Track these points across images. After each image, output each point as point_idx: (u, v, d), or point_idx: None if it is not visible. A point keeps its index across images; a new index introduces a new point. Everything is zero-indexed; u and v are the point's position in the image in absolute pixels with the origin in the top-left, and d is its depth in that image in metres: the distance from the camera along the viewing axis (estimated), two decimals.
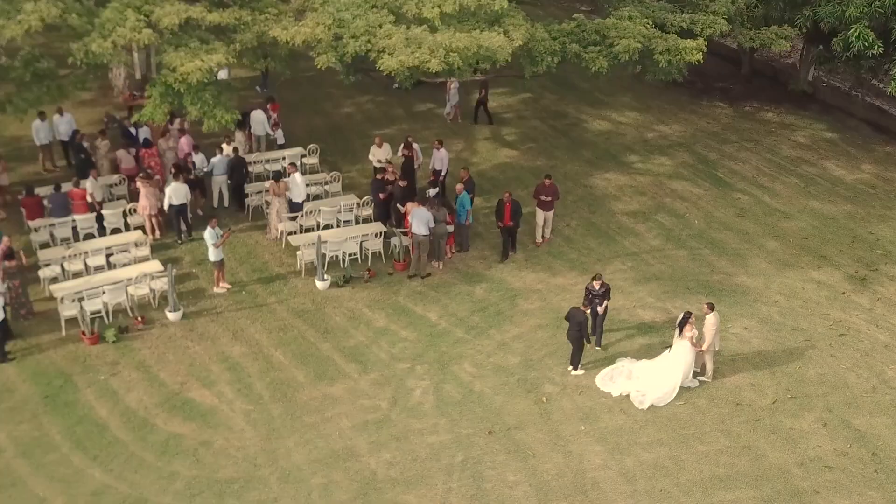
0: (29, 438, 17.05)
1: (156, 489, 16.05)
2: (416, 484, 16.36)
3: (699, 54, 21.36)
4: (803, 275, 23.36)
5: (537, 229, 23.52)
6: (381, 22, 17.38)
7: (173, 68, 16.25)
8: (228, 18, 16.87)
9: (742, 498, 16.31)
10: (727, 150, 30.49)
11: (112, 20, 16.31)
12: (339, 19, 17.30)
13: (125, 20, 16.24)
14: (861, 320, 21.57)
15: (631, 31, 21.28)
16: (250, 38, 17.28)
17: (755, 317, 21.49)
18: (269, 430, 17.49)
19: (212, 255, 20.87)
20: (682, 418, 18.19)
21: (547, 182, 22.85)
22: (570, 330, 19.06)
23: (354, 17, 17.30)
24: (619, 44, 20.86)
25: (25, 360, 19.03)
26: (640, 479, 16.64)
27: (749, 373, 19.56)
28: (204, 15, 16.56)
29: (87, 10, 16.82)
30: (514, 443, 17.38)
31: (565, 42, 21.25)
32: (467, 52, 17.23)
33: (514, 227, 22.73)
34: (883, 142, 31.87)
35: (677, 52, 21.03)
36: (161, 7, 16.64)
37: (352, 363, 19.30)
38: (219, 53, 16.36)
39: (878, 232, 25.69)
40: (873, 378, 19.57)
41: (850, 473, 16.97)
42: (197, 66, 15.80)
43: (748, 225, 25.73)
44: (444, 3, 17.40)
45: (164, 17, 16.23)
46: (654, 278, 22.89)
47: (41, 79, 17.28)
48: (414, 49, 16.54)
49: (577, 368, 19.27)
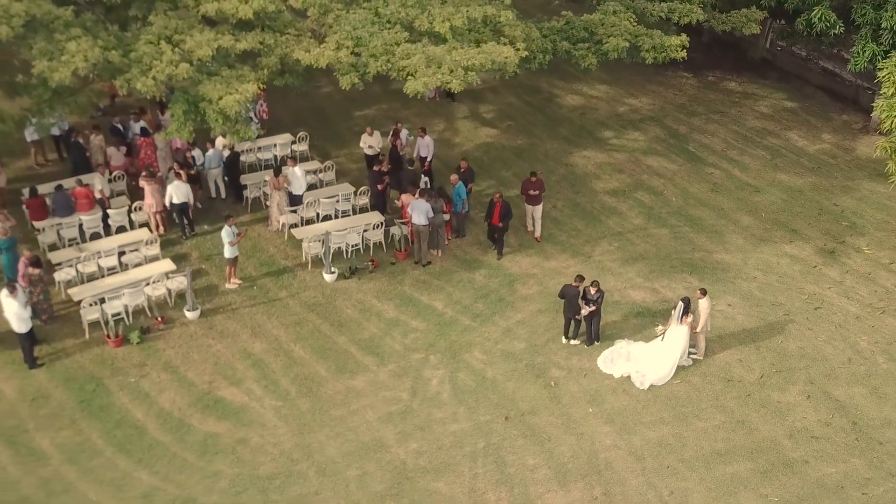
0: (72, 444, 17.87)
1: (202, 489, 17.08)
2: (444, 471, 17.64)
3: (683, 51, 22.51)
4: (777, 249, 24.96)
5: (528, 220, 24.50)
6: (397, 40, 18.11)
7: (209, 99, 16.82)
8: (254, 43, 17.43)
9: (740, 470, 17.93)
10: (695, 122, 31.87)
11: (149, 54, 16.80)
12: (357, 37, 17.98)
13: (161, 53, 16.74)
14: (833, 293, 23.27)
15: (618, 28, 22.29)
16: (274, 62, 17.90)
17: (737, 293, 23.04)
18: (301, 424, 18.56)
19: (227, 252, 21.61)
20: (680, 397, 19.71)
21: (533, 178, 23.78)
22: (564, 306, 20.50)
23: (371, 35, 18.00)
24: (609, 42, 21.88)
25: (54, 366, 19.72)
26: (647, 457, 18.15)
27: (736, 349, 21.13)
28: (233, 43, 17.11)
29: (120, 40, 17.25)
30: (529, 427, 18.73)
31: (556, 40, 22.20)
32: (482, 68, 18.16)
33: (503, 229, 23.44)
34: (839, 110, 33.52)
35: (663, 50, 22.15)
36: (190, 35, 17.14)
37: (369, 355, 20.39)
38: (250, 81, 16.98)
39: (842, 203, 27.39)
40: (848, 349, 21.30)
41: (834, 442, 18.70)
42: (235, 99, 16.44)
43: (722, 200, 27.22)
44: (453, 17, 18.17)
45: (198, 49, 16.75)
46: (640, 258, 24.27)
47: (60, 95, 17.71)
48: (435, 70, 17.36)
49: (572, 339, 20.80)
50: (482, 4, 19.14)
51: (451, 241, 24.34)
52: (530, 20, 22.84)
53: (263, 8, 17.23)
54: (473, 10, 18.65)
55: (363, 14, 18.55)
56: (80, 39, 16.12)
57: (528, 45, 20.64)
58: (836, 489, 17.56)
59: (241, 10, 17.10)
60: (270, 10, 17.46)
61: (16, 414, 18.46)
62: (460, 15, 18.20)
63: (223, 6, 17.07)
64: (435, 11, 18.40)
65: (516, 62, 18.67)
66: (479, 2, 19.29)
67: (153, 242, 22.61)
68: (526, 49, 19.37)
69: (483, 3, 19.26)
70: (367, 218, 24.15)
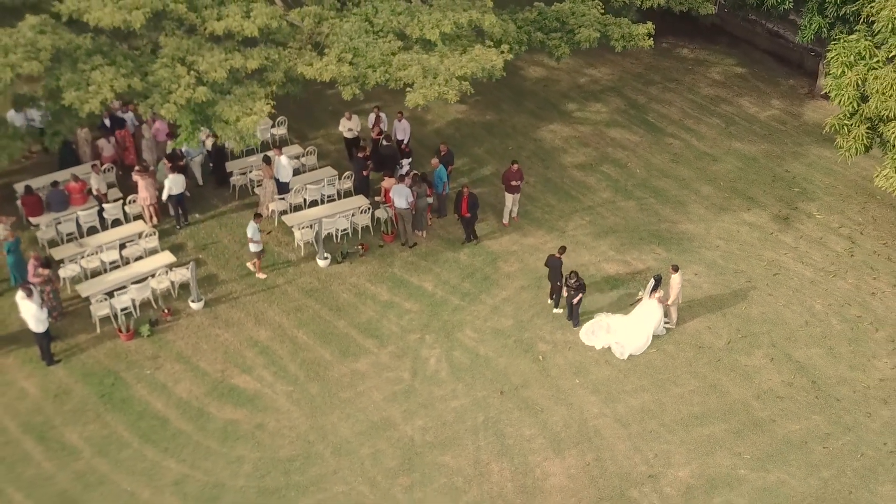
0: (99, 437, 19.05)
1: (228, 474, 18.45)
2: (449, 446, 19.25)
3: (650, 40, 23.93)
4: (736, 217, 26.81)
5: (505, 211, 25.74)
6: (392, 49, 19.18)
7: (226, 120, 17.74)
8: (260, 59, 18.32)
9: (716, 431, 19.87)
10: (653, 92, 33.42)
11: (167, 78, 17.63)
12: (354, 48, 19.00)
13: (179, 78, 17.59)
14: (789, 259, 25.23)
15: (588, 17, 23.57)
16: (280, 77, 18.85)
17: (702, 262, 24.87)
18: (312, 408, 19.98)
19: (252, 247, 22.61)
20: (657, 365, 21.54)
21: (514, 168, 25.01)
22: (549, 274, 22.24)
23: (367, 45, 19.04)
24: (580, 33, 23.18)
25: (71, 362, 20.76)
26: (632, 423, 19.98)
27: (705, 317, 22.99)
28: (243, 63, 18.01)
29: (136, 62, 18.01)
30: (523, 400, 20.40)
31: (530, 31, 23.43)
32: (474, 75, 19.38)
33: (472, 219, 24.58)
34: (786, 74, 35.36)
35: (631, 39, 23.53)
36: (202, 56, 17.99)
37: (369, 338, 21.79)
38: (260, 98, 17.96)
39: (793, 170, 29.31)
40: (805, 313, 23.31)
41: (796, 401, 20.73)
42: (253, 120, 17.42)
43: (683, 171, 28.94)
44: (441, 24, 19.27)
45: (212, 72, 17.63)
46: (610, 231, 25.92)
47: (67, 108, 18.46)
48: (431, 81, 18.52)
49: (557, 306, 22.36)
50: (466, 9, 20.27)
51: (434, 221, 25.67)
52: (504, 11, 23.96)
53: (267, 24, 18.15)
54: (459, 14, 19.78)
55: (356, 23, 19.55)
56: (104, 68, 16.92)
57: (505, 37, 21.82)
58: (801, 444, 19.60)
59: (247, 27, 18.01)
60: (274, 27, 18.38)
61: (42, 411, 19.53)
62: (448, 21, 19.32)
63: (230, 24, 17.94)
64: (424, 18, 19.49)
65: (502, 66, 19.90)
66: (462, 6, 20.42)
67: (152, 235, 23.54)
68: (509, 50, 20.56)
69: (467, 8, 20.39)
70: (354, 202, 25.33)
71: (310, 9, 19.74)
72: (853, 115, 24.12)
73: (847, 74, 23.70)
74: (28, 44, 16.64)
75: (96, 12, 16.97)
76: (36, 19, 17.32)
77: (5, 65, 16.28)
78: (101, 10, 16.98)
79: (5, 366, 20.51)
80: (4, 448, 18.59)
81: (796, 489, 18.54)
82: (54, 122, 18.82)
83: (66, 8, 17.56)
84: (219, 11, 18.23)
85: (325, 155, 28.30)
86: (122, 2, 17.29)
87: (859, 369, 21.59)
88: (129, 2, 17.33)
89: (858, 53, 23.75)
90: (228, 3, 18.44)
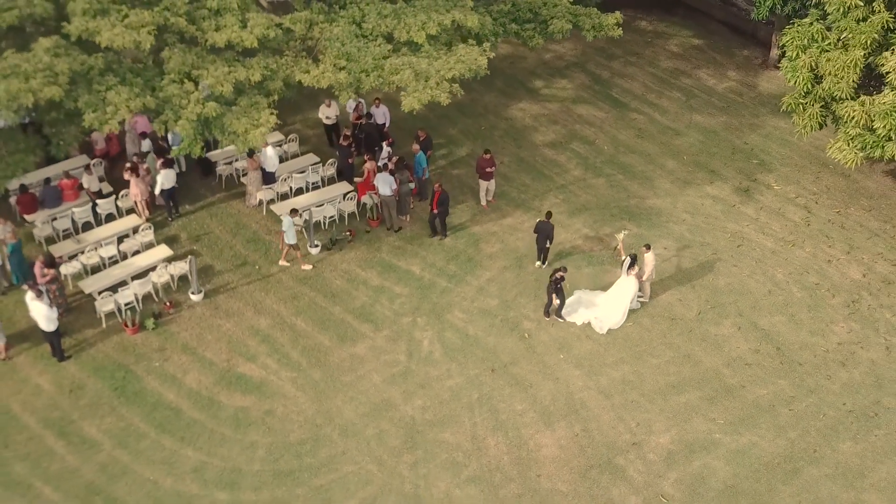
0: (117, 430, 20.13)
1: (244, 459, 19.69)
2: (448, 423, 20.69)
3: (619, 29, 25.18)
4: (700, 191, 28.39)
5: (481, 194, 26.94)
6: (383, 53, 20.17)
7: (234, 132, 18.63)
8: (261, 70, 19.18)
9: (691, 399, 21.56)
10: (615, 66, 34.73)
11: (177, 95, 18.43)
12: (346, 53, 19.95)
13: (188, 94, 18.40)
14: (751, 230, 26.90)
15: (560, 9, 24.72)
16: (280, 86, 19.74)
17: (670, 236, 26.44)
18: (317, 392, 21.24)
19: (290, 238, 23.63)
20: (634, 338, 23.13)
21: (487, 156, 26.10)
22: (538, 238, 23.98)
23: (359, 50, 20.00)
24: (553, 24, 24.34)
25: (81, 357, 21.73)
26: (614, 394, 21.58)
27: (675, 289, 24.61)
28: (247, 75, 18.86)
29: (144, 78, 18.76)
30: (512, 377, 21.88)
31: (504, 23, 24.54)
32: (462, 76, 20.50)
33: (442, 214, 25.49)
34: (740, 44, 36.87)
35: (601, 28, 24.75)
36: (206, 69, 18.79)
37: (364, 323, 23.04)
38: (264, 108, 18.88)
39: (751, 142, 30.93)
40: (768, 282, 25.04)
41: (763, 367, 22.49)
42: (262, 132, 18.36)
43: (648, 146, 30.39)
44: (427, 26, 20.30)
45: (218, 86, 18.47)
46: (583, 209, 27.34)
47: (71, 117, 19.19)
48: (423, 84, 19.58)
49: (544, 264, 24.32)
50: (448, 9, 21.29)
51: (416, 204, 26.83)
52: (479, 4, 24.98)
53: (265, 35, 19.00)
54: (443, 15, 20.82)
55: (345, 27, 20.47)
56: (118, 88, 17.69)
57: (482, 30, 22.90)
58: (769, 408, 21.39)
59: (247, 39, 18.86)
60: (271, 37, 19.24)
61: (58, 406, 20.53)
62: (432, 23, 20.35)
63: (230, 36, 18.76)
64: (409, 21, 20.50)
65: (485, 64, 21.03)
66: (445, 6, 21.42)
67: (147, 230, 24.40)
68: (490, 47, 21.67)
69: (449, 8, 21.40)
70: (340, 188, 26.37)
71: (300, 14, 20.60)
72: (808, 94, 25.66)
73: (801, 57, 25.19)
74: (46, 68, 17.33)
75: (107, 33, 17.69)
76: (49, 42, 18.00)
77: (27, 90, 17.00)
78: (110, 30, 17.69)
79: (18, 363, 21.41)
80: (28, 444, 19.60)
81: (766, 450, 20.33)
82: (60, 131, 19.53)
83: (76, 29, 18.23)
84: (216, 22, 19.03)
85: (305, 140, 29.21)
86: (128, 20, 18.02)
87: (819, 334, 23.40)
88: (135, 20, 18.07)
89: (811, 36, 25.21)
90: (224, 13, 19.24)
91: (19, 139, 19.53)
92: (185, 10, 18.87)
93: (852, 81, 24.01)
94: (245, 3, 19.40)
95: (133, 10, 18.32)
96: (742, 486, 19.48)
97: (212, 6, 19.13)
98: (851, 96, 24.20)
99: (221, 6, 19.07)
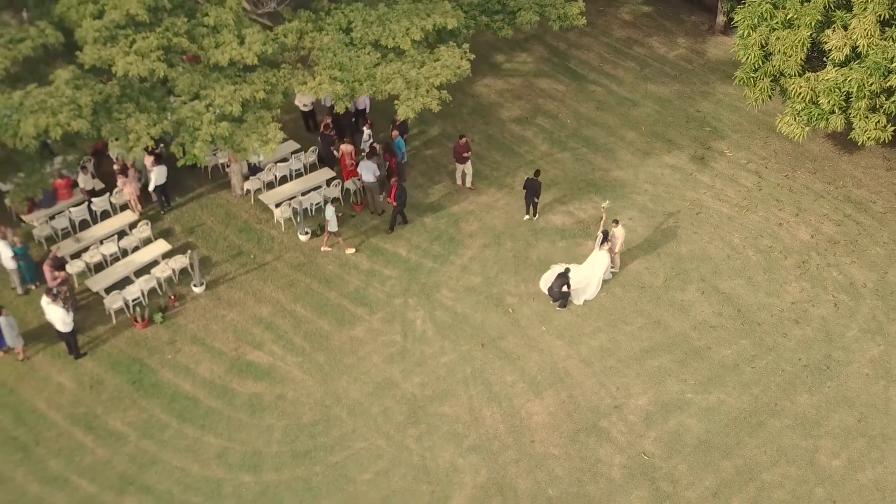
0: (140, 421, 21.62)
1: (262, 442, 21.38)
2: (446, 397, 22.57)
3: (583, 18, 26.74)
4: (659, 161, 30.35)
5: (457, 175, 28.39)
6: (373, 61, 21.47)
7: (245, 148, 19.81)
8: (263, 86, 20.33)
9: (664, 362, 23.73)
10: (571, 37, 36.26)
11: (191, 117, 19.54)
12: (339, 63, 21.20)
13: (201, 114, 19.52)
14: (708, 197, 28.99)
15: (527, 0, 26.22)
16: (280, 99, 20.94)
17: (634, 207, 28.41)
18: (323, 375, 22.93)
19: (332, 226, 25.07)
20: (608, 307, 25.17)
21: (462, 141, 27.60)
22: (526, 194, 26.06)
23: (351, 60, 21.26)
24: (522, 16, 25.82)
25: (96, 353, 23.05)
26: (594, 361, 23.65)
27: (643, 258, 26.65)
28: (252, 94, 20.02)
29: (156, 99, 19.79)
30: (501, 350, 23.80)
31: (475, 15, 25.92)
32: (449, 82, 21.96)
33: (400, 207, 26.58)
34: (688, 11, 38.63)
35: (566, 18, 26.29)
36: (213, 89, 19.89)
37: (360, 307, 24.68)
38: (270, 123, 20.12)
39: (703, 109, 32.90)
40: (726, 247, 27.21)
41: (726, 329, 24.73)
42: (271, 148, 19.61)
43: (608, 117, 32.18)
44: (411, 31, 21.64)
45: (227, 106, 19.60)
46: (552, 184, 29.12)
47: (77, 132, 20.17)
48: (415, 92, 20.98)
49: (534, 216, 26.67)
50: (429, 14, 22.60)
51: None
52: None
53: (263, 51, 20.16)
54: (424, 20, 22.16)
55: (334, 35, 21.68)
56: (137, 115, 18.77)
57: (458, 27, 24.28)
58: (733, 367, 23.67)
59: (247, 56, 20.01)
60: (270, 53, 20.40)
61: (82, 402, 21.91)
62: (416, 28, 21.70)
63: (231, 54, 19.88)
64: (394, 27, 21.80)
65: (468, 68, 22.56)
66: (425, 10, 22.72)
67: (144, 226, 25.56)
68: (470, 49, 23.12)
69: (430, 12, 22.70)
70: (323, 175, 27.73)
71: (291, 25, 21.75)
72: (758, 70, 27.61)
73: (752, 35, 27.08)
74: (70, 101, 18.33)
75: (121, 62, 18.71)
76: (68, 73, 18.94)
77: (55, 125, 18.01)
78: (124, 58, 18.70)
79: (37, 363, 22.67)
80: (59, 440, 21.01)
81: (734, 406, 22.65)
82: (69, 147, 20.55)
83: (90, 58, 19.18)
84: (215, 39, 20.13)
85: (283, 126, 30.18)
86: (137, 46, 19.04)
87: (774, 295, 25.69)
88: (143, 45, 19.09)
89: (761, 15, 27.08)
90: (221, 29, 20.32)
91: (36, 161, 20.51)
92: (186, 28, 19.92)
93: (799, 59, 25.98)
94: (239, 17, 20.48)
95: (139, 34, 19.31)
96: (714, 440, 21.79)
97: (209, 23, 20.20)
98: (799, 73, 26.20)
99: (218, 22, 20.14)
